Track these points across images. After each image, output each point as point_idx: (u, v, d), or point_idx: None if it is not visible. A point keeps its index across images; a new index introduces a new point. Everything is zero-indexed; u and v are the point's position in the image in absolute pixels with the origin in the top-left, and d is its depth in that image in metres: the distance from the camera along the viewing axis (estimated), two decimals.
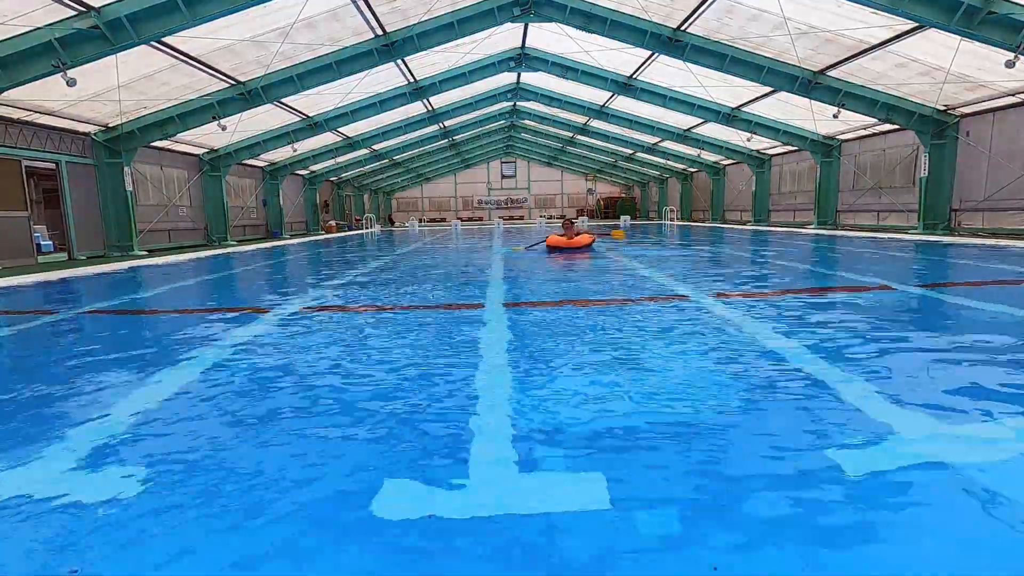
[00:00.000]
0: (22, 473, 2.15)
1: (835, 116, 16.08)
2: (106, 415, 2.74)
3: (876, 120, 16.75)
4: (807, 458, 2.10)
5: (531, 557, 1.56)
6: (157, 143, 16.38)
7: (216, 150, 19.61)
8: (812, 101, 16.05)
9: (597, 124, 27.30)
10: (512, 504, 1.83)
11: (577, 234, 12.24)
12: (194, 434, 2.50)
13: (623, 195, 44.40)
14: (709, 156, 27.81)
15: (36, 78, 10.16)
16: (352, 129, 22.42)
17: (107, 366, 3.71)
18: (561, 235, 12.23)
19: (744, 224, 26.24)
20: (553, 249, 11.94)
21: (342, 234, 27.74)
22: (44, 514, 1.85)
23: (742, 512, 1.75)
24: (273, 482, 2.02)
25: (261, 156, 21.85)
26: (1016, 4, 10.00)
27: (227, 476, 2.08)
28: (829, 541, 1.59)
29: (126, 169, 15.27)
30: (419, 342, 4.14)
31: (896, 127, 17.00)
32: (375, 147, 26.90)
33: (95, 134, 14.67)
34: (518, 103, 26.85)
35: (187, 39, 11.31)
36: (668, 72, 17.45)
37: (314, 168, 27.79)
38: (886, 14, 10.93)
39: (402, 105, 19.93)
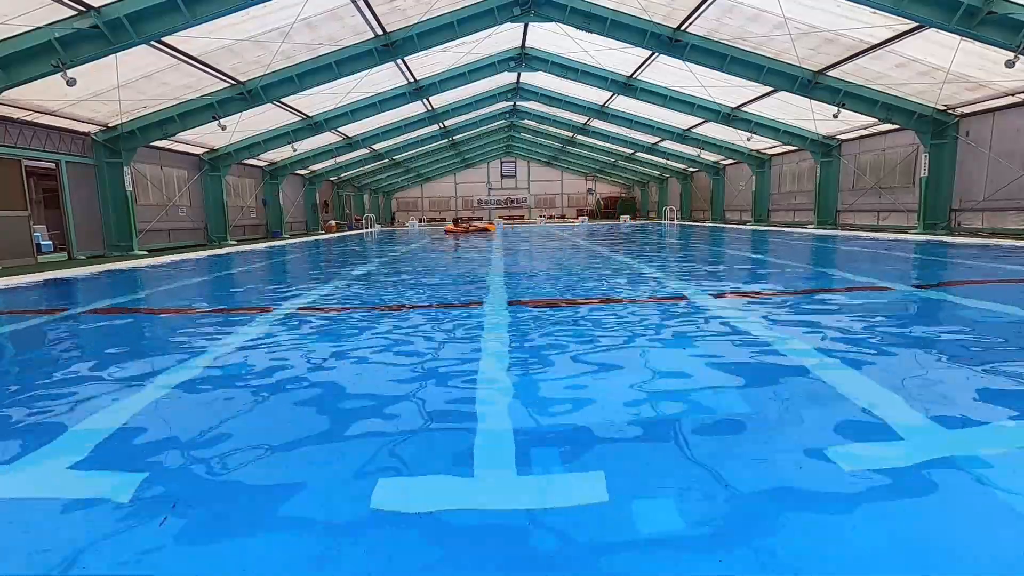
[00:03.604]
0: (20, 471, 2.16)
1: (835, 116, 16.08)
2: (105, 413, 2.74)
3: (876, 120, 16.75)
4: (806, 456, 2.10)
5: (529, 548, 1.56)
6: (157, 143, 16.37)
7: (216, 150, 19.60)
8: (812, 101, 16.04)
9: (597, 124, 27.29)
10: (513, 499, 1.84)
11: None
12: (193, 435, 2.50)
13: (623, 195, 44.40)
14: (709, 156, 27.81)
15: (36, 78, 10.16)
16: (352, 129, 22.41)
17: (107, 365, 3.71)
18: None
19: (744, 224, 26.24)
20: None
21: (342, 234, 27.73)
22: (41, 512, 1.85)
23: (742, 509, 1.75)
24: (276, 475, 2.03)
25: (261, 156, 21.84)
26: (1016, 4, 9.99)
27: (224, 474, 2.08)
28: (829, 539, 1.60)
29: (126, 169, 15.26)
30: (418, 338, 4.14)
31: (896, 127, 17.00)
32: (375, 147, 26.89)
33: (95, 134, 14.67)
34: (518, 103, 26.85)
35: (187, 39, 11.30)
36: (668, 72, 17.44)
37: (314, 168, 27.78)
38: (886, 14, 10.92)
39: (402, 105, 19.92)
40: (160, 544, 1.65)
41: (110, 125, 14.69)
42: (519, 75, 21.90)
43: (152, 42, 10.85)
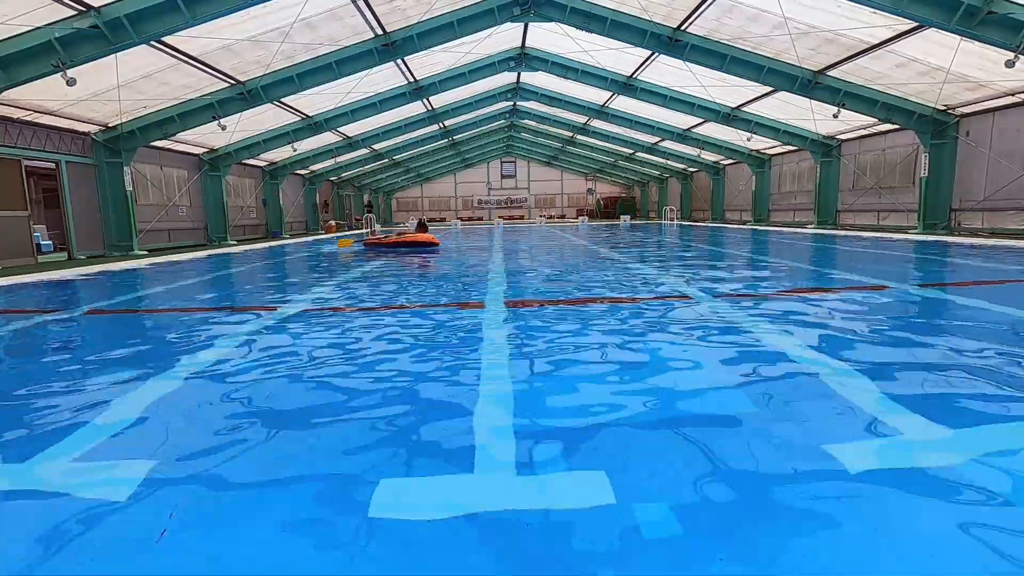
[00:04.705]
0: (25, 468, 2.16)
1: (835, 116, 16.08)
2: (104, 414, 2.74)
3: (876, 120, 16.75)
4: (807, 456, 2.10)
5: (531, 550, 1.56)
6: (157, 143, 16.37)
7: (216, 150, 19.60)
8: (812, 101, 16.04)
9: (597, 124, 27.29)
10: (514, 500, 1.83)
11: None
12: (194, 434, 2.50)
13: (623, 195, 44.41)
14: (709, 156, 27.81)
15: (36, 78, 10.15)
16: (352, 129, 22.41)
17: (106, 365, 3.71)
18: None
19: (744, 224, 26.24)
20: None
21: (342, 233, 27.71)
22: (42, 507, 1.85)
23: (741, 510, 1.75)
24: (275, 475, 2.03)
25: (261, 156, 21.84)
26: (1016, 4, 9.99)
27: (226, 473, 2.08)
28: (828, 538, 1.59)
29: (126, 169, 15.25)
30: (418, 335, 4.14)
31: (896, 127, 17.00)
32: (375, 147, 26.89)
33: (95, 134, 14.67)
34: (518, 103, 26.84)
35: (187, 39, 11.30)
36: (668, 72, 17.44)
37: (314, 168, 27.78)
38: (886, 14, 10.92)
39: (402, 105, 19.92)
40: (157, 546, 1.65)
41: (110, 125, 14.68)
42: (519, 75, 21.90)
43: (152, 42, 10.84)
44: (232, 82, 14.40)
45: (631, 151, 31.71)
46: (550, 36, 16.92)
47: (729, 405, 2.69)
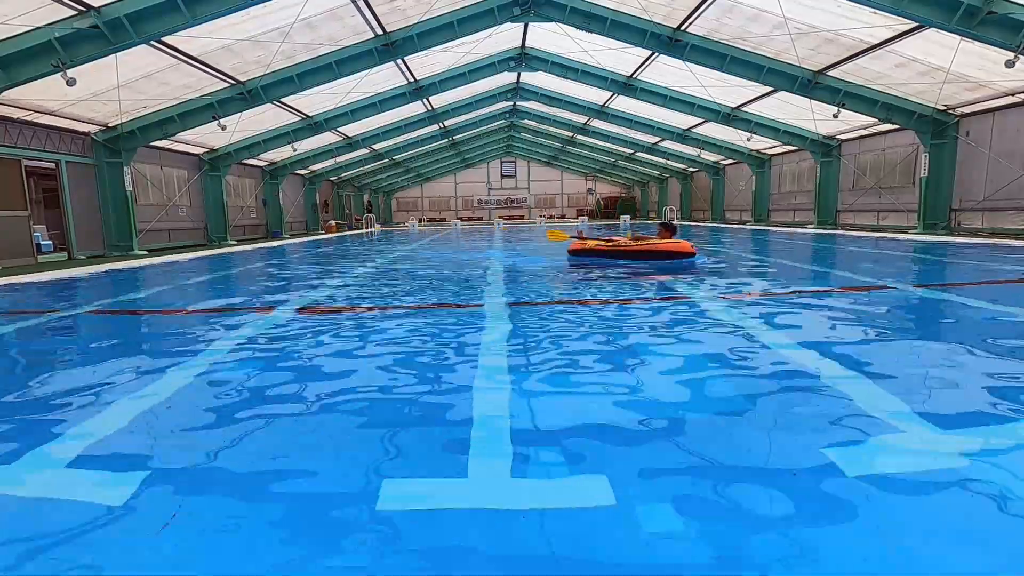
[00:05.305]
0: (19, 470, 2.16)
1: (835, 116, 16.08)
2: (107, 412, 2.74)
3: (876, 120, 16.75)
4: (808, 458, 2.10)
5: (530, 551, 1.56)
6: (157, 143, 16.37)
7: (216, 150, 19.60)
8: (812, 101, 16.04)
9: (597, 124, 27.28)
10: (511, 501, 1.83)
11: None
12: (194, 435, 2.50)
13: (623, 195, 44.40)
14: (709, 156, 27.80)
15: (36, 78, 10.15)
16: (352, 129, 22.41)
17: (106, 366, 3.71)
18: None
19: (744, 224, 26.24)
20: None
21: (342, 234, 27.70)
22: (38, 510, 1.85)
23: (741, 509, 1.75)
24: (276, 477, 2.02)
25: (261, 156, 21.84)
26: (1016, 4, 9.99)
27: (226, 475, 2.08)
28: (828, 540, 1.59)
29: (126, 169, 15.26)
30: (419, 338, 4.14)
31: (896, 127, 17.00)
32: (375, 147, 26.89)
33: (95, 134, 14.66)
34: (518, 103, 26.84)
35: (187, 39, 11.30)
36: (668, 72, 17.44)
37: (314, 168, 27.78)
38: (886, 14, 10.92)
39: (402, 105, 19.92)
40: (158, 546, 1.65)
41: (110, 125, 14.68)
42: (519, 75, 21.89)
43: (152, 42, 10.84)
44: (232, 82, 14.40)
45: (631, 151, 31.70)
46: (550, 36, 16.91)
47: (730, 406, 2.69)
